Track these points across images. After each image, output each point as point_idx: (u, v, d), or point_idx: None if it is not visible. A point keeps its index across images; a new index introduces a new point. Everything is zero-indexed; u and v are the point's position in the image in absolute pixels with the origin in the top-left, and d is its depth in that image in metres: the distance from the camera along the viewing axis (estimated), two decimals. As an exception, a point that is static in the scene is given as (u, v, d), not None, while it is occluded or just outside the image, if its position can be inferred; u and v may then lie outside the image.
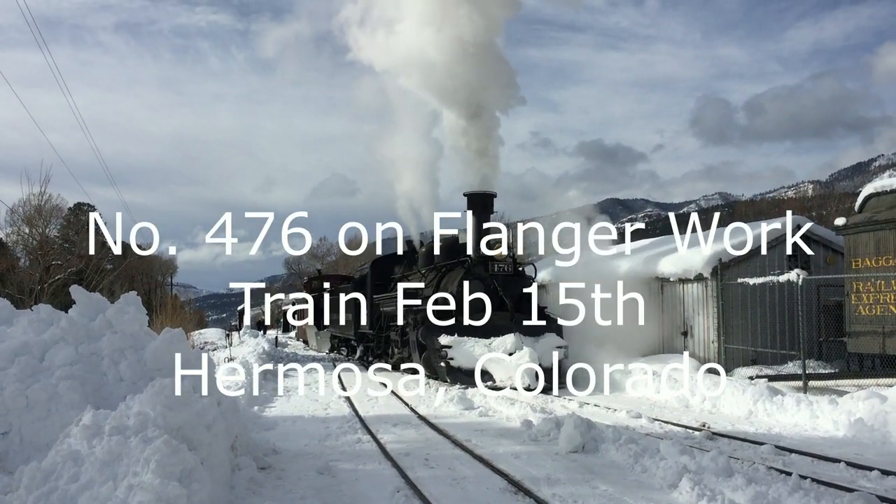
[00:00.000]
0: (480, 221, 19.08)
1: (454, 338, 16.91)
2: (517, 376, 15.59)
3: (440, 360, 16.92)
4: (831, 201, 60.97)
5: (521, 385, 15.42)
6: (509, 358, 16.05)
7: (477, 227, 19.06)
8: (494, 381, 15.99)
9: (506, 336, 16.60)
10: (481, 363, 16.25)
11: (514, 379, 15.64)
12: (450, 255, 20.26)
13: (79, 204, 55.42)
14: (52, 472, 5.65)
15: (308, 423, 11.97)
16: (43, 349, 8.09)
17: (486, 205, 19.22)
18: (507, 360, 16.02)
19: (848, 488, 6.99)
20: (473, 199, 19.22)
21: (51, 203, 35.06)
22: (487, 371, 16.23)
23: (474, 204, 19.18)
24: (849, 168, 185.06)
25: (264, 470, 8.26)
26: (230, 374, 16.60)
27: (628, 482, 7.59)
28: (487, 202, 19.26)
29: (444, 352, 16.75)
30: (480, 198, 19.16)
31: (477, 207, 19.15)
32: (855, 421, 10.31)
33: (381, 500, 7.02)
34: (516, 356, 15.99)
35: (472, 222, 19.16)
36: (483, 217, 19.14)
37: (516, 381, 15.56)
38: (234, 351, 26.89)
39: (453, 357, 16.63)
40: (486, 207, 19.23)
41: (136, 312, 8.69)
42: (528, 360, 15.73)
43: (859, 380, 13.89)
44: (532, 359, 15.73)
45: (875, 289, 14.72)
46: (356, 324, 25.98)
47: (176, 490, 5.17)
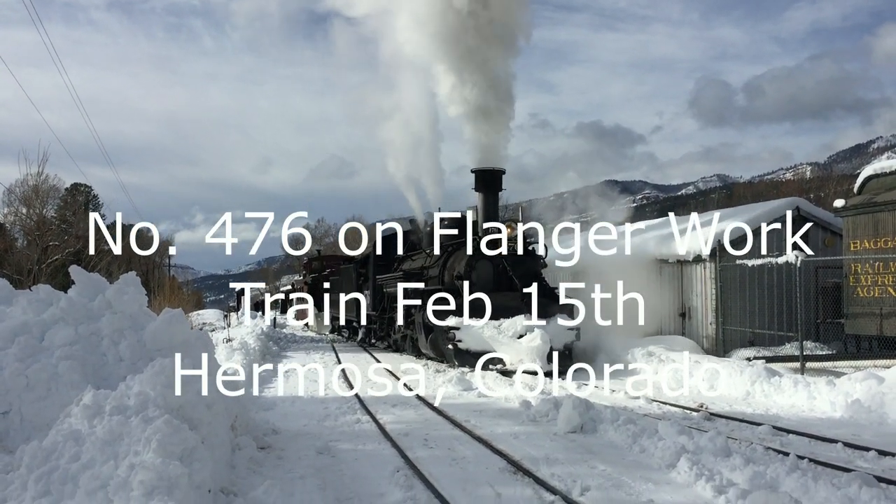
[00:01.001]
0: (489, 199, 18.36)
1: (462, 319, 16.28)
2: (528, 359, 15.08)
3: (448, 343, 16.33)
4: (830, 183, 60.91)
5: (531, 368, 14.85)
6: (519, 340, 15.46)
7: (485, 205, 18.36)
8: (504, 365, 15.48)
9: (516, 318, 15.93)
10: (490, 345, 15.74)
11: (524, 362, 15.12)
12: (454, 235, 19.45)
13: (76, 184, 55.32)
14: (53, 451, 5.66)
15: (307, 403, 12.00)
16: (42, 329, 8.09)
17: (494, 181, 18.45)
18: (517, 343, 15.45)
19: (845, 468, 7.03)
20: (481, 176, 18.46)
21: (48, 183, 35.00)
22: (497, 354, 15.73)
23: (482, 181, 18.43)
24: (847, 150, 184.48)
25: (264, 450, 8.29)
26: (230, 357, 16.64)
27: (627, 462, 7.63)
28: (496, 178, 18.48)
29: (452, 334, 16.11)
30: (489, 174, 18.40)
31: (485, 184, 18.39)
32: (852, 402, 10.35)
33: (380, 480, 7.05)
34: (527, 338, 15.37)
35: (480, 200, 18.46)
36: (491, 194, 18.40)
37: (527, 364, 15.02)
38: (232, 332, 26.91)
39: (461, 339, 16.00)
40: (494, 184, 18.46)
41: (135, 293, 8.68)
42: (539, 342, 15.15)
43: (857, 361, 13.95)
44: (544, 341, 15.15)
45: (873, 270, 14.76)
46: (358, 305, 25.42)
47: (177, 469, 5.19)
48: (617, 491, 6.54)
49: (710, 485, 6.37)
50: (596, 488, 6.55)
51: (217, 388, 7.42)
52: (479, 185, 18.46)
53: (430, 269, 19.61)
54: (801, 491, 6.11)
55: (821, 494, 6.01)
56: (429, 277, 19.32)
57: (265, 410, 11.05)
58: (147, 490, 4.98)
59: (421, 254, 21.30)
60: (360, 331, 26.63)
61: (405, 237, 24.20)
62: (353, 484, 6.95)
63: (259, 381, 14.92)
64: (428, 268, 19.78)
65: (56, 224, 36.92)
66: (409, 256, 22.50)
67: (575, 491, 6.43)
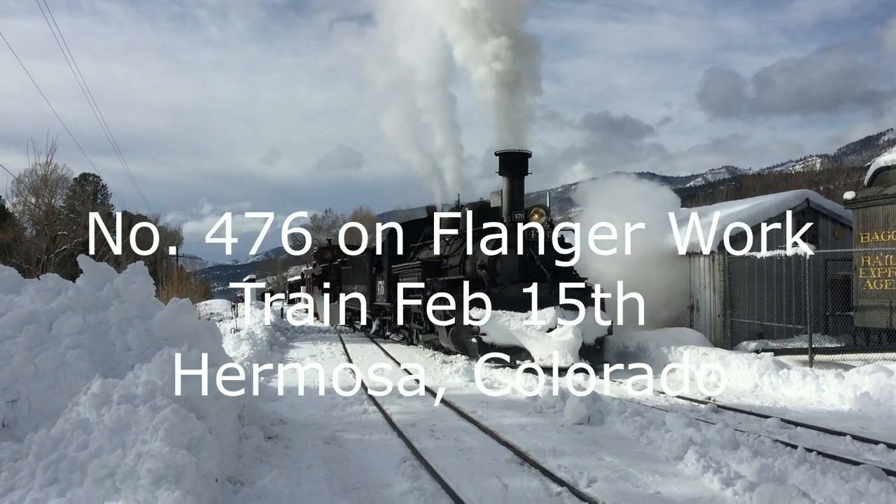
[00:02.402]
0: (514, 183, 17.18)
1: (487, 311, 15.11)
2: (558, 355, 14.09)
3: (471, 336, 15.17)
4: (839, 175, 60.52)
5: (562, 363, 13.97)
6: (549, 334, 14.41)
7: (510, 190, 17.18)
8: (532, 360, 14.40)
9: (545, 309, 14.80)
10: (517, 339, 14.69)
11: (554, 357, 14.16)
12: (478, 222, 18.24)
13: (84, 174, 55.50)
14: (61, 439, 5.68)
15: (314, 393, 12.01)
16: (51, 318, 8.12)
17: (520, 164, 17.27)
18: (546, 337, 14.40)
19: (854, 461, 7.00)
20: (506, 159, 17.31)
21: (56, 173, 35.09)
22: (524, 348, 14.69)
23: (507, 164, 17.28)
24: (857, 142, 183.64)
25: (271, 439, 8.30)
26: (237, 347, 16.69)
27: (634, 454, 7.61)
28: (522, 161, 17.30)
29: (477, 327, 15.01)
30: (514, 157, 17.22)
31: (510, 168, 17.27)
32: (861, 395, 10.31)
33: (387, 470, 7.06)
34: (557, 332, 14.32)
35: (506, 184, 17.30)
36: (517, 178, 17.21)
37: (557, 360, 14.08)
38: (239, 322, 26.96)
39: (486, 332, 14.87)
40: (520, 167, 17.28)
41: (143, 282, 8.70)
42: (570, 336, 14.17)
43: (866, 354, 13.90)
44: (576, 335, 14.18)
45: (883, 263, 14.67)
46: (372, 296, 24.74)
47: (185, 458, 5.20)
48: (624, 483, 6.53)
49: (718, 477, 6.35)
50: (603, 480, 6.54)
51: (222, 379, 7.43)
52: (503, 169, 17.41)
53: (449, 258, 18.70)
54: (810, 484, 6.08)
55: (829, 487, 5.98)
56: (448, 267, 18.44)
57: (272, 401, 11.08)
58: (154, 478, 4.99)
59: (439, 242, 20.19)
60: (373, 322, 25.84)
61: (422, 225, 23.16)
62: (360, 474, 6.96)
63: (266, 372, 14.96)
64: (448, 257, 18.87)
65: (65, 214, 37.04)
66: (426, 245, 21.53)
67: (582, 482, 6.42)
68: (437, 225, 20.63)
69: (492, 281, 16.19)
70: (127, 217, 57.46)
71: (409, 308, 20.26)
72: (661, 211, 19.17)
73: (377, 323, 25.28)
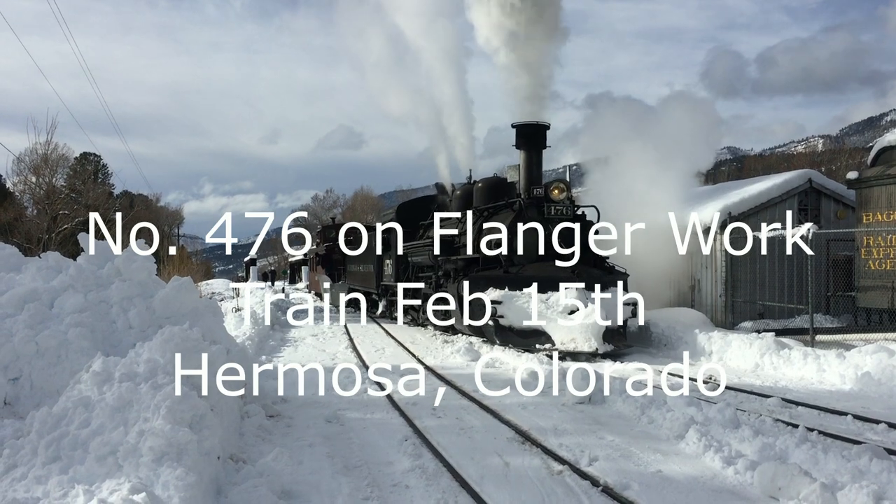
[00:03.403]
0: (531, 157, 16.31)
1: (505, 292, 14.22)
2: (581, 339, 13.29)
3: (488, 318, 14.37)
4: (841, 156, 60.29)
5: (586, 348, 13.19)
6: (572, 316, 13.58)
7: (528, 164, 16.28)
8: (553, 345, 13.59)
9: (567, 290, 13.92)
10: (537, 322, 13.84)
11: (577, 341, 13.34)
12: (493, 198, 17.43)
13: (85, 153, 55.44)
14: (63, 417, 5.68)
15: (315, 372, 12.01)
16: (52, 296, 8.11)
17: (538, 137, 16.37)
18: (569, 320, 13.53)
19: (855, 441, 7.02)
20: (523, 131, 16.41)
21: (57, 152, 35.03)
22: (544, 332, 13.82)
23: (524, 136, 16.38)
24: (860, 122, 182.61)
25: (273, 418, 8.31)
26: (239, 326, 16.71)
27: (635, 433, 7.63)
28: (540, 133, 16.39)
29: (494, 308, 14.15)
30: (531, 128, 16.32)
31: (527, 140, 16.36)
32: (862, 375, 10.32)
33: (389, 449, 7.07)
34: (580, 314, 13.48)
35: (523, 158, 16.41)
36: (535, 152, 16.35)
37: (580, 344, 13.27)
38: (241, 301, 26.98)
39: (504, 314, 14.04)
40: (538, 140, 16.38)
41: (144, 261, 8.68)
42: (595, 318, 13.33)
43: (867, 334, 13.87)
44: (601, 317, 13.35)
45: (886, 243, 14.63)
46: (378, 276, 23.85)
47: (187, 436, 5.20)
48: (625, 461, 6.54)
49: (719, 456, 6.37)
50: (604, 459, 6.56)
51: (227, 355, 7.43)
52: (520, 142, 16.48)
53: (462, 236, 17.64)
54: (811, 463, 6.10)
55: (830, 466, 5.99)
56: (461, 245, 17.47)
57: (274, 379, 11.08)
58: (156, 456, 5.00)
59: (451, 220, 19.06)
60: (379, 303, 25.01)
61: (432, 202, 22.16)
62: (362, 452, 6.97)
63: (268, 351, 14.99)
64: (461, 235, 17.79)
65: (65, 193, 36.99)
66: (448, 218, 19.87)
67: (583, 461, 6.43)
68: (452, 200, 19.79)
69: (509, 260, 15.34)
70: (128, 197, 57.49)
71: (418, 289, 19.57)
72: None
73: (384, 304, 24.56)
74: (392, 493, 5.76)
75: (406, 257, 20.80)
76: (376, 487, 5.88)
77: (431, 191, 24.37)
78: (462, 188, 19.78)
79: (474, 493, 5.60)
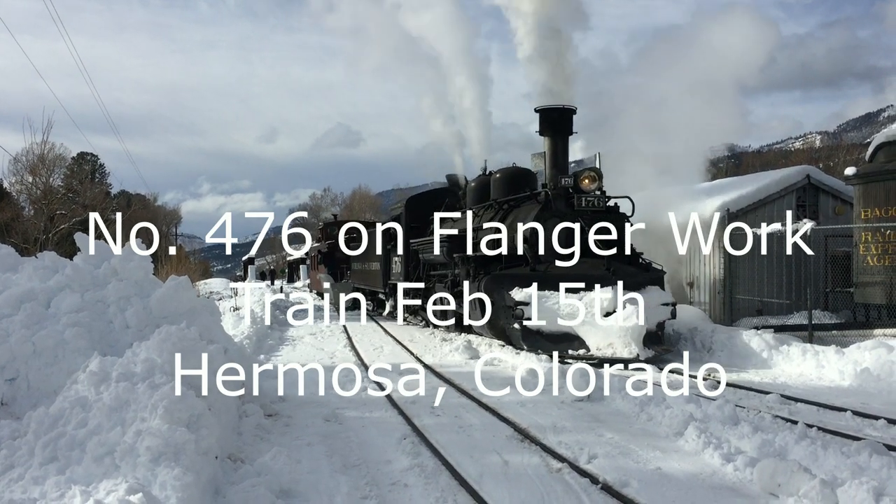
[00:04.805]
0: (557, 143, 15.24)
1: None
2: (620, 343, 12.14)
3: (513, 321, 13.03)
4: (839, 152, 60.32)
5: (626, 354, 12.00)
6: (607, 319, 12.39)
7: (553, 152, 15.17)
8: (588, 350, 12.46)
9: (602, 289, 12.69)
10: (569, 325, 12.69)
11: (615, 346, 12.20)
12: (514, 189, 16.20)
13: (82, 153, 55.38)
14: (60, 417, 5.66)
15: (314, 371, 11.99)
16: (48, 296, 8.08)
17: (563, 122, 15.26)
18: (604, 323, 12.35)
19: (854, 437, 7.01)
20: (547, 116, 15.29)
21: (54, 152, 34.99)
22: (577, 336, 12.65)
23: (548, 121, 15.28)
24: (858, 118, 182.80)
25: (271, 417, 8.30)
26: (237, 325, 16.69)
27: (634, 430, 7.61)
28: (566, 119, 15.27)
29: (520, 310, 12.85)
30: (556, 113, 15.20)
31: (552, 126, 15.25)
32: (861, 371, 10.31)
33: (388, 447, 7.06)
34: (618, 316, 12.28)
35: (548, 145, 15.31)
36: (560, 139, 15.26)
37: (619, 349, 12.13)
38: (239, 301, 26.96)
39: (531, 317, 12.80)
40: (564, 126, 15.28)
41: (141, 260, 8.65)
42: (635, 321, 12.13)
43: (865, 330, 13.86)
44: (641, 320, 12.15)
45: (884, 239, 14.60)
46: (386, 274, 22.64)
47: (184, 435, 5.18)
48: (624, 459, 6.53)
49: (718, 453, 6.35)
50: (603, 456, 6.54)
51: (224, 354, 7.41)
52: (544, 128, 15.38)
53: (479, 231, 16.47)
54: (810, 459, 6.08)
55: (830, 462, 5.98)
56: (478, 241, 16.17)
57: (272, 378, 11.06)
58: (154, 456, 4.98)
59: (466, 212, 18.13)
60: (386, 303, 24.00)
61: (443, 196, 20.78)
62: (361, 451, 6.96)
63: (266, 350, 14.96)
64: (477, 230, 16.62)
65: (62, 192, 36.93)
66: (449, 217, 19.09)
67: (582, 458, 6.41)
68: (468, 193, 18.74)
69: (534, 257, 14.01)
70: (125, 196, 57.42)
71: (432, 287, 18.40)
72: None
73: (391, 304, 23.45)
74: (391, 492, 5.74)
75: (417, 254, 19.67)
76: (375, 486, 5.86)
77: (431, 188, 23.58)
78: (477, 180, 18.75)
79: (473, 492, 5.59)
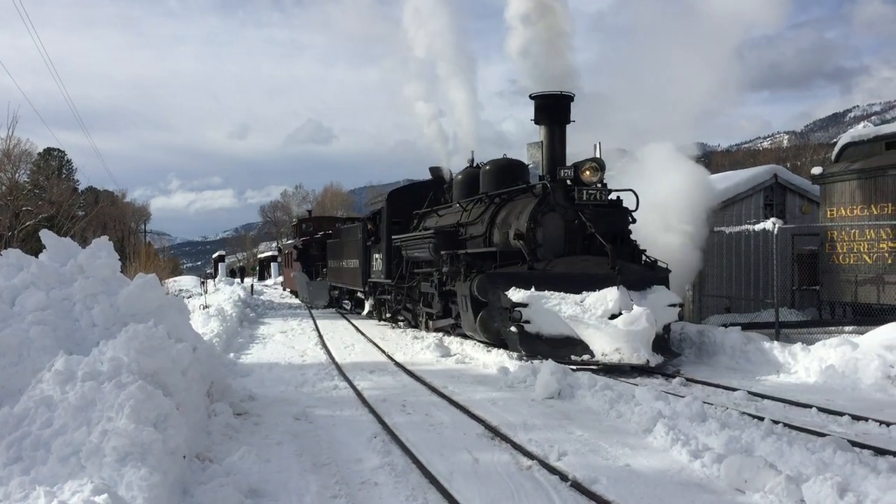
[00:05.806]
0: (554, 133, 14.08)
1: (531, 292, 11.97)
2: (627, 348, 11.14)
3: (510, 324, 12.09)
4: (806, 152, 61.27)
5: (634, 360, 11.09)
6: (613, 322, 11.40)
7: (550, 141, 14.01)
8: (591, 356, 11.43)
9: (606, 290, 11.67)
10: (570, 329, 11.72)
11: (623, 351, 11.19)
12: (506, 181, 15.21)
13: (49, 149, 54.58)
14: (25, 417, 5.57)
15: (284, 370, 11.95)
16: (13, 294, 7.94)
17: (561, 110, 14.08)
18: (610, 326, 11.37)
19: (819, 433, 7.10)
20: (544, 103, 14.15)
21: (19, 147, 34.45)
22: (580, 340, 11.63)
23: (545, 109, 14.14)
24: (824, 119, 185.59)
25: (241, 416, 8.23)
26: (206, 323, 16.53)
27: (603, 427, 7.66)
28: (563, 106, 14.09)
29: (518, 312, 11.91)
30: (553, 100, 14.04)
31: (549, 114, 14.12)
32: (826, 367, 10.45)
33: (358, 446, 7.04)
34: (625, 318, 11.31)
35: (545, 135, 14.14)
36: (558, 127, 14.10)
37: (627, 355, 11.15)
38: (209, 298, 26.72)
39: (529, 320, 11.87)
40: (561, 114, 14.10)
41: (108, 257, 8.54)
42: (644, 324, 11.24)
43: (831, 327, 14.07)
44: (650, 322, 11.27)
45: (849, 238, 14.85)
46: (365, 272, 21.70)
47: (151, 435, 5.13)
48: (594, 456, 6.56)
49: (686, 449, 6.41)
50: (573, 453, 6.57)
51: (192, 353, 7.34)
52: (540, 116, 14.24)
53: (469, 226, 15.24)
54: (776, 455, 6.15)
55: (795, 458, 6.05)
56: (468, 237, 15.07)
57: (242, 377, 11.00)
58: (120, 456, 4.92)
59: (452, 207, 17.08)
60: (366, 303, 23.15)
61: (427, 189, 19.64)
62: (331, 449, 6.93)
63: (236, 348, 14.85)
64: (466, 225, 15.38)
65: (28, 189, 36.38)
66: (434, 211, 18.17)
67: (552, 456, 6.44)
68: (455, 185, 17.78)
69: (532, 254, 12.94)
70: (93, 193, 56.69)
71: (416, 287, 17.45)
72: None
73: (370, 303, 22.48)
74: (361, 491, 5.72)
75: (399, 251, 18.44)
76: (345, 485, 5.84)
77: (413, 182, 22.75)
78: (464, 172, 17.73)
79: (443, 490, 5.59)
